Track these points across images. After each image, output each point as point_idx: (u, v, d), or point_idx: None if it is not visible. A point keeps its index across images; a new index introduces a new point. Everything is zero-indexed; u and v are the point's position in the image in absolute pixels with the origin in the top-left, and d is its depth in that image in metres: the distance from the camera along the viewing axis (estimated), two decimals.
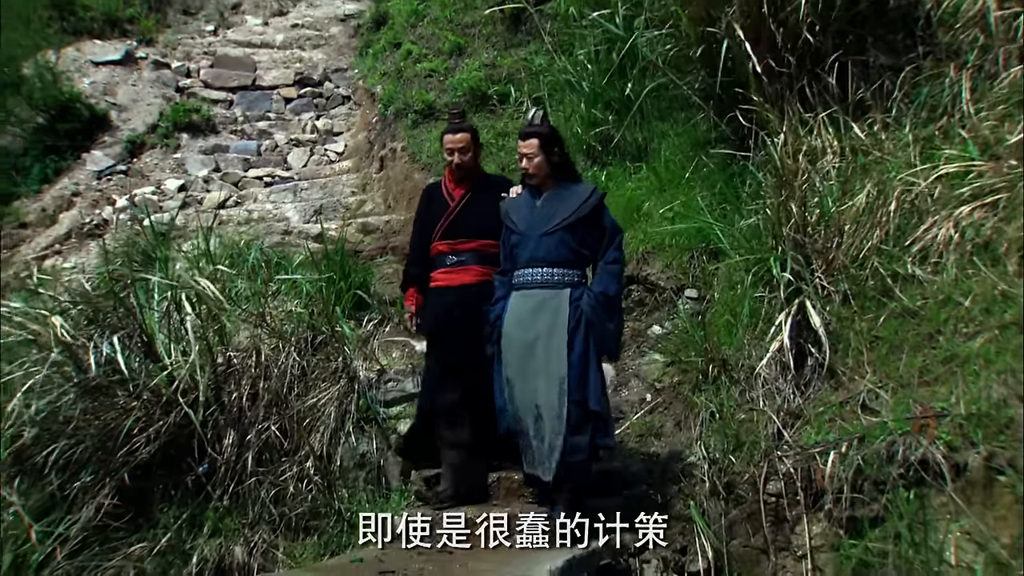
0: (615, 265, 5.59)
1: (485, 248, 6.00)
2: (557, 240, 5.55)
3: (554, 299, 5.48)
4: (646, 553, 5.39)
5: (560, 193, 5.68)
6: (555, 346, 5.39)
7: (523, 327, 5.50)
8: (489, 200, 6.01)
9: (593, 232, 5.59)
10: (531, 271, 5.59)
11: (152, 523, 6.03)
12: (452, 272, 6.02)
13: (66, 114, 11.78)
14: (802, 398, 5.35)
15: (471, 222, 6.05)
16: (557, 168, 5.70)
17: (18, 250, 10.34)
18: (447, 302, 5.98)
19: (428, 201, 6.32)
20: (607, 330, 5.47)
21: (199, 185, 11.15)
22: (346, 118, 12.78)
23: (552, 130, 5.84)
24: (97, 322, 6.40)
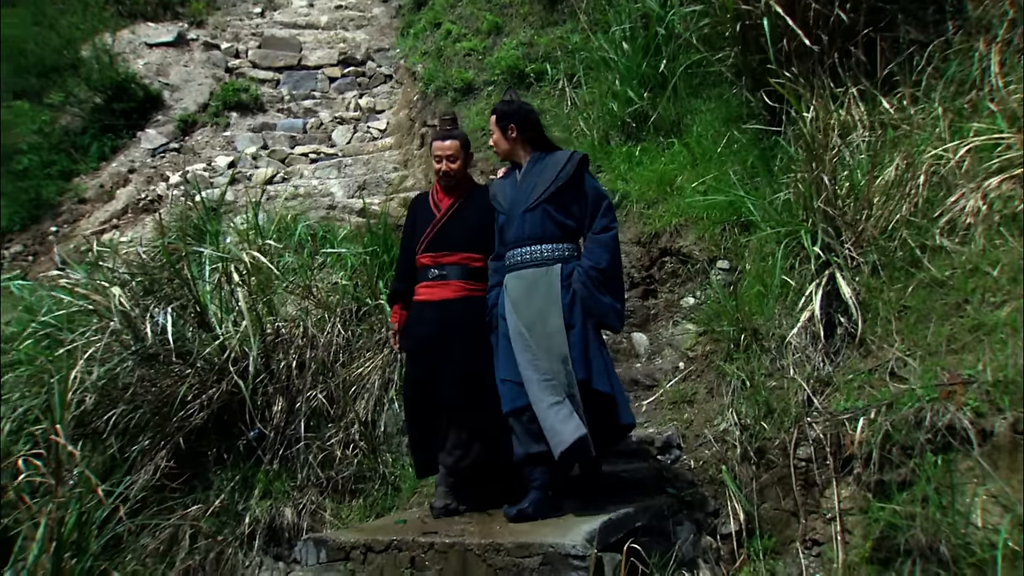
0: (604, 235, 5.24)
1: (469, 262, 5.58)
2: (541, 215, 5.27)
3: (544, 277, 5.21)
4: (679, 515, 5.41)
5: (539, 165, 5.40)
6: (552, 326, 5.10)
7: (518, 310, 5.20)
8: (477, 211, 5.63)
9: (577, 200, 5.29)
10: (520, 251, 5.31)
11: (206, 485, 6.10)
12: (434, 286, 5.58)
13: (122, 94, 11.86)
14: (832, 366, 5.33)
15: (456, 234, 5.61)
16: (530, 141, 5.43)
17: (78, 225, 10.44)
18: (428, 317, 5.55)
19: (415, 212, 5.89)
20: (602, 304, 5.15)
21: (248, 162, 11.19)
22: (388, 96, 12.77)
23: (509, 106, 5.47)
24: (153, 293, 6.47)
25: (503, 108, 5.48)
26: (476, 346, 5.39)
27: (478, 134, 9.44)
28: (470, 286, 5.55)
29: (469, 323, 5.44)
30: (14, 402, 6.02)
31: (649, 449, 5.75)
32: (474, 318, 5.44)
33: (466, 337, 5.42)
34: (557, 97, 9.31)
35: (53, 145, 11.51)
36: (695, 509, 5.45)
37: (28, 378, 6.23)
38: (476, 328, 5.42)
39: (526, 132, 5.44)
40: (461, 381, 5.38)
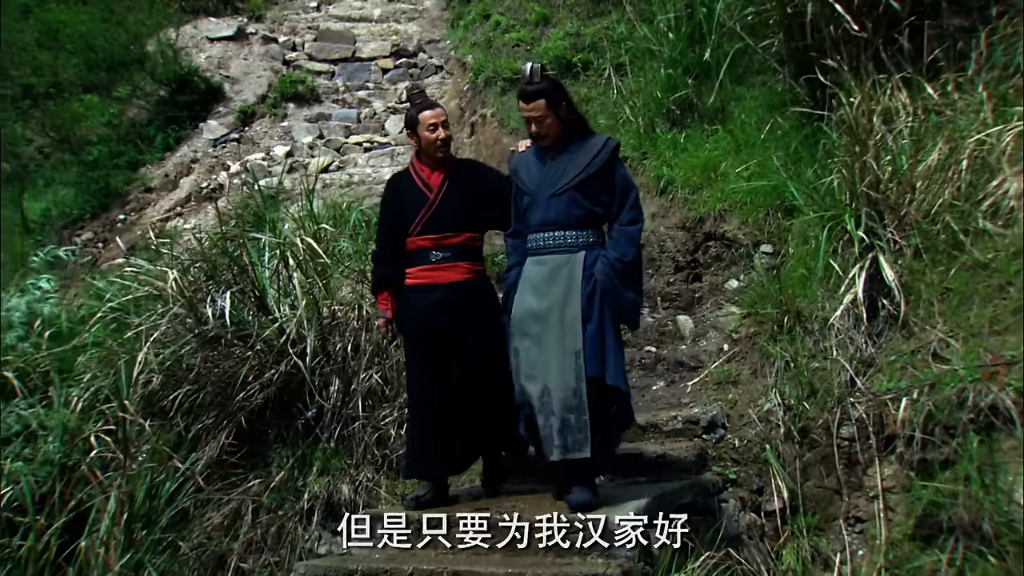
0: (632, 227, 4.95)
1: (472, 242, 5.26)
2: (567, 201, 4.93)
3: (567, 264, 4.90)
4: (724, 493, 5.38)
5: (570, 149, 5.01)
6: (570, 316, 4.81)
7: (537, 295, 4.91)
8: (471, 187, 5.28)
9: (607, 189, 4.96)
10: (543, 235, 4.98)
11: (267, 462, 6.14)
12: (437, 270, 5.18)
13: (185, 87, 11.96)
14: (874, 347, 5.26)
15: (455, 213, 5.21)
16: (567, 124, 5.01)
17: (145, 213, 10.55)
18: (433, 301, 5.15)
19: (396, 191, 5.43)
20: (624, 298, 4.89)
21: (304, 151, 11.25)
22: (439, 87, 12.76)
23: (554, 83, 5.11)
24: (214, 278, 6.51)
25: (552, 89, 5.02)
26: (484, 328, 5.13)
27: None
28: (475, 267, 5.27)
29: (476, 305, 5.19)
30: (85, 382, 6.08)
31: (694, 428, 5.71)
32: (483, 299, 5.24)
33: (475, 319, 5.14)
34: (603, 86, 9.25)
35: (121, 136, 11.64)
36: (740, 487, 5.43)
37: (98, 360, 6.29)
38: (485, 308, 5.20)
39: (572, 111, 5.08)
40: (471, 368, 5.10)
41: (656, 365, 6.58)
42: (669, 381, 6.41)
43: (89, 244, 10.27)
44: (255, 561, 5.80)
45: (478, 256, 5.32)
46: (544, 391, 4.81)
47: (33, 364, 6.27)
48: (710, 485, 5.37)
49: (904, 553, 4.59)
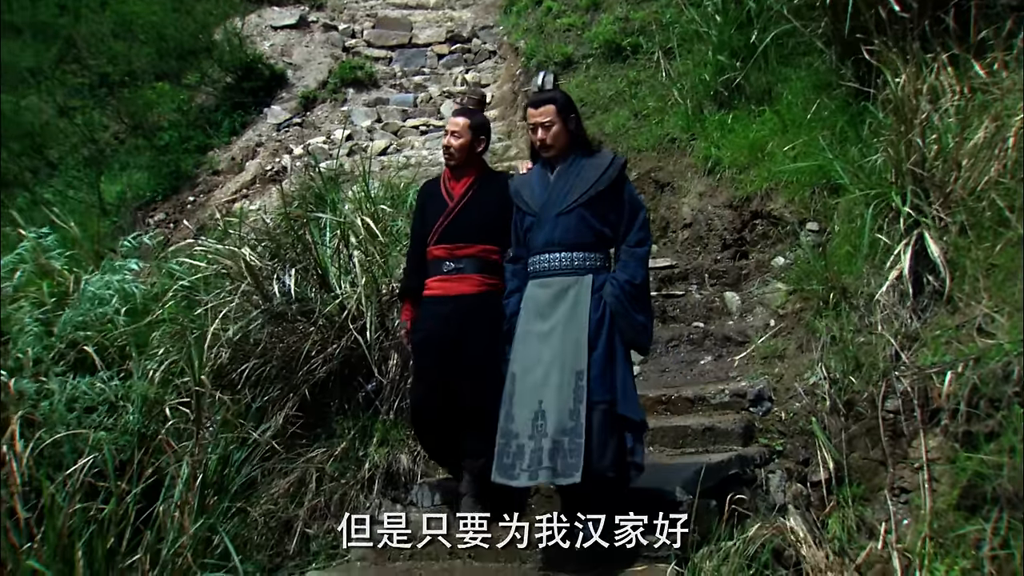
0: (640, 248, 4.59)
1: (487, 254, 4.95)
2: (576, 219, 4.56)
3: (575, 286, 4.52)
4: (771, 464, 5.33)
5: (576, 165, 4.65)
6: (573, 335, 4.44)
7: (541, 317, 4.53)
8: (492, 199, 4.96)
9: (615, 208, 4.60)
10: (548, 256, 4.58)
11: (330, 433, 6.16)
12: (449, 280, 4.94)
13: (250, 74, 12.05)
14: (919, 323, 5.17)
15: (472, 223, 4.95)
16: (573, 137, 4.67)
17: (213, 194, 10.63)
18: (442, 312, 4.93)
19: (425, 200, 5.24)
20: (635, 322, 4.52)
21: (363, 134, 11.27)
22: (492, 71, 12.73)
23: (565, 95, 4.83)
24: (278, 257, 6.53)
25: (562, 97, 4.75)
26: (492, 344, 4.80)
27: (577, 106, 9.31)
28: (488, 280, 4.92)
29: (488, 320, 4.83)
30: (160, 356, 6.14)
31: (741, 401, 5.67)
32: (492, 313, 4.81)
33: (486, 335, 4.82)
34: (652, 69, 9.18)
35: (190, 122, 11.74)
36: (786, 458, 5.37)
37: (171, 335, 6.35)
38: (493, 325, 4.81)
39: (579, 126, 4.75)
40: (486, 382, 4.76)
41: (704, 340, 6.53)
42: (717, 356, 6.36)
43: (161, 224, 10.37)
44: (319, 527, 5.83)
45: (494, 270, 4.95)
46: (537, 415, 4.40)
47: (111, 339, 6.33)
48: (757, 456, 5.32)
49: (948, 523, 4.52)
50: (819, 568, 4.64)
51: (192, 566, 5.05)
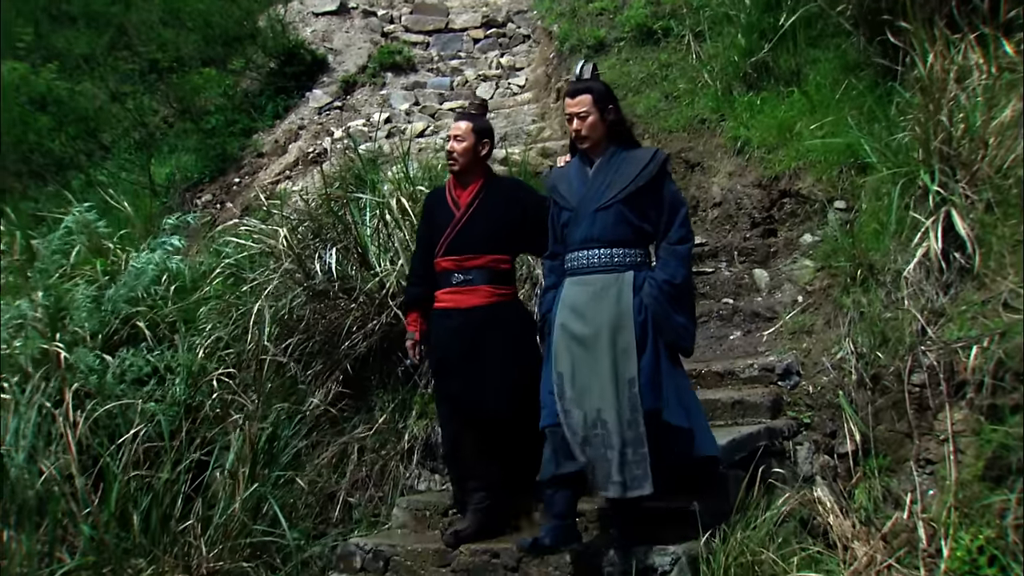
0: (681, 246, 4.37)
1: (496, 264, 4.76)
2: (615, 215, 4.34)
3: (615, 284, 4.30)
4: (799, 436, 5.30)
5: (616, 159, 4.44)
6: (623, 342, 4.22)
7: (582, 319, 4.31)
8: (500, 206, 4.79)
9: (656, 205, 4.38)
10: (586, 253, 4.38)
11: (370, 407, 6.19)
12: (458, 293, 4.74)
13: (292, 59, 12.04)
14: (945, 298, 5.10)
15: (479, 234, 4.74)
16: (612, 130, 4.46)
17: (257, 176, 10.67)
18: (452, 326, 4.74)
19: (430, 210, 5.02)
20: (676, 323, 4.30)
21: (401, 117, 11.25)
22: (526, 55, 12.65)
23: (605, 86, 4.58)
24: (320, 236, 6.55)
25: (601, 87, 4.50)
26: (512, 355, 4.69)
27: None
28: (499, 291, 4.77)
29: (501, 331, 4.70)
30: (206, 332, 6.18)
31: (770, 376, 5.63)
32: (505, 325, 4.71)
33: (500, 346, 4.68)
34: (683, 52, 9.07)
35: (236, 106, 11.77)
36: (813, 431, 5.34)
37: (217, 311, 6.40)
38: (509, 336, 4.71)
39: (620, 119, 4.54)
40: (505, 393, 4.64)
41: (733, 316, 6.48)
42: (746, 331, 6.32)
43: (208, 205, 10.43)
44: (361, 496, 5.88)
45: (506, 279, 4.83)
46: (597, 422, 4.21)
47: (161, 315, 6.38)
48: (785, 429, 5.29)
49: (973, 493, 4.48)
50: (846, 537, 4.63)
51: (243, 532, 5.11)
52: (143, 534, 5.12)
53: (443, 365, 4.84)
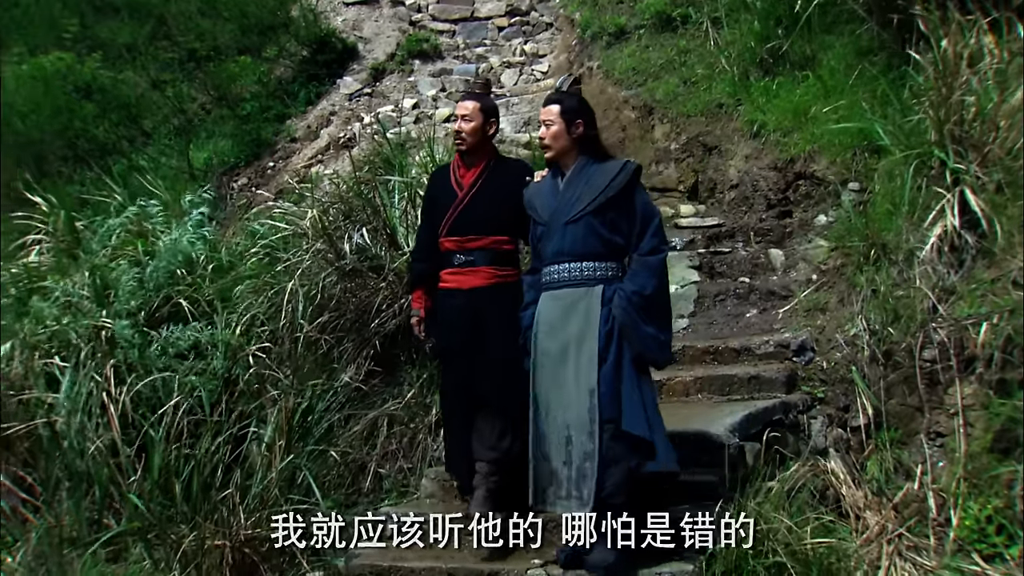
0: (652, 257, 4.17)
1: (497, 245, 4.56)
2: (584, 228, 4.17)
3: (584, 298, 4.15)
4: (813, 410, 5.28)
5: (585, 172, 4.26)
6: (586, 353, 4.09)
7: (553, 334, 4.18)
8: (503, 188, 4.57)
9: (627, 216, 4.19)
10: (558, 267, 4.22)
11: (399, 382, 6.18)
12: (460, 273, 4.56)
13: (324, 48, 12.02)
14: (956, 277, 5.07)
15: (482, 215, 4.55)
16: (582, 144, 4.29)
17: (291, 160, 10.68)
18: (456, 306, 4.57)
19: (434, 189, 4.87)
20: (644, 335, 4.09)
21: (429, 103, 11.23)
22: (549, 42, 12.58)
23: (577, 100, 4.40)
24: (350, 217, 6.55)
25: (572, 101, 4.34)
26: (513, 336, 4.43)
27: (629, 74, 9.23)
28: (501, 272, 4.56)
29: (502, 311, 4.48)
30: (242, 309, 6.20)
31: (785, 352, 5.61)
32: (506, 307, 4.47)
33: (499, 327, 4.47)
34: (701, 38, 8.98)
35: (270, 93, 11.78)
36: (827, 405, 5.33)
37: (252, 290, 6.41)
38: (509, 317, 4.45)
39: (590, 133, 4.34)
40: (498, 373, 4.45)
41: (750, 294, 6.45)
42: (761, 309, 6.29)
43: (244, 189, 10.45)
44: (391, 467, 5.89)
45: (508, 260, 4.63)
46: (568, 439, 4.09)
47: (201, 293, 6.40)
48: (800, 403, 5.27)
49: (982, 465, 4.51)
50: (858, 506, 4.63)
51: (279, 501, 5.15)
52: (185, 502, 5.17)
53: (448, 345, 4.70)
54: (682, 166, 8.10)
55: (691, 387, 5.47)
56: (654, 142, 8.55)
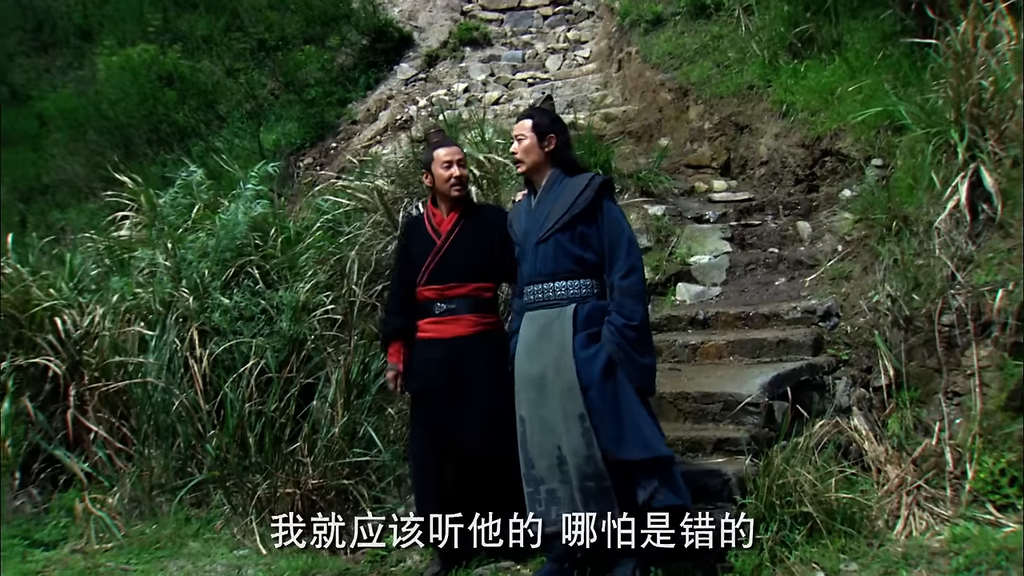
0: (630, 279, 3.80)
1: (479, 293, 4.21)
2: (553, 247, 3.86)
3: (557, 320, 3.82)
4: (837, 371, 5.23)
5: (555, 189, 3.95)
6: (566, 381, 3.75)
7: (531, 358, 3.87)
8: (481, 234, 4.23)
9: (598, 232, 3.86)
10: (533, 288, 3.93)
11: None
12: (442, 323, 4.18)
13: (382, 36, 12.06)
14: (974, 246, 4.99)
15: (462, 263, 4.18)
16: (554, 158, 3.99)
17: (352, 141, 10.74)
18: (437, 357, 4.17)
19: (408, 238, 4.48)
20: (640, 364, 3.78)
21: (478, 87, 11.21)
22: (590, 29, 12.49)
23: (550, 116, 4.15)
24: (408, 190, 6.56)
25: (543, 117, 4.09)
26: (495, 385, 4.10)
27: (666, 58, 9.13)
28: (484, 320, 4.22)
29: (484, 361, 4.14)
30: (308, 277, 6.24)
31: (811, 317, 5.56)
32: (489, 355, 4.14)
33: (483, 377, 4.12)
34: (733, 24, 8.86)
35: (332, 79, 11.83)
36: (851, 367, 5.28)
37: (316, 260, 6.44)
38: (493, 365, 4.12)
39: (562, 148, 4.03)
40: (483, 427, 4.08)
41: (778, 264, 6.39)
42: (789, 278, 6.23)
43: (309, 167, 10.52)
44: None
45: (489, 307, 4.29)
46: (561, 460, 3.78)
47: (271, 263, 6.45)
48: (825, 365, 5.22)
49: (997, 422, 4.46)
50: (879, 461, 4.60)
51: (343, 453, 5.22)
52: (258, 454, 5.26)
53: (425, 395, 4.29)
54: (715, 144, 8.01)
55: (723, 350, 5.44)
56: (689, 122, 8.47)
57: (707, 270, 6.42)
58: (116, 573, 4.67)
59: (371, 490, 5.23)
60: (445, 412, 4.18)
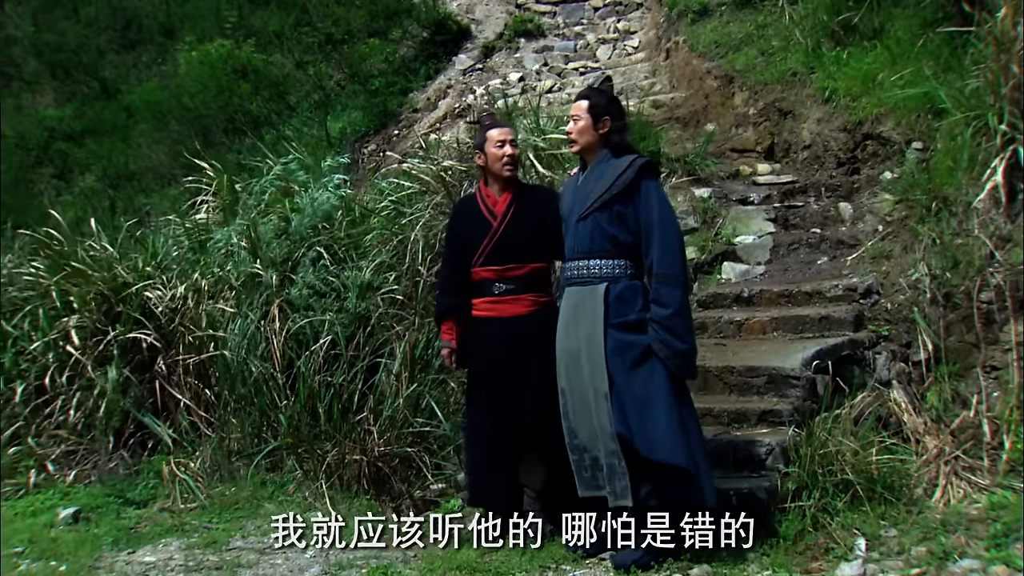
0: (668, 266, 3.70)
1: (537, 273, 4.14)
2: (591, 225, 3.78)
3: (589, 298, 3.75)
4: (878, 347, 5.16)
5: (599, 169, 3.86)
6: (595, 358, 3.69)
7: (567, 333, 3.83)
8: (536, 215, 4.12)
9: (635, 212, 3.75)
10: (572, 264, 3.86)
11: None
12: (500, 302, 4.09)
13: (441, 29, 12.10)
14: (1012, 226, 4.89)
15: (519, 243, 4.08)
16: (607, 140, 3.89)
17: (413, 128, 10.79)
18: (498, 335, 4.08)
19: (461, 218, 4.36)
20: (680, 352, 3.68)
21: (533, 76, 11.18)
22: (639, 20, 12.36)
23: (609, 98, 4.07)
24: (467, 172, 6.58)
25: (600, 98, 3.99)
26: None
27: (712, 47, 9.01)
28: (541, 299, 4.14)
29: (544, 337, 4.00)
30: (372, 257, 6.28)
31: (852, 295, 5.49)
32: (549, 331, 3.98)
33: (544, 352, 3.98)
34: (778, 14, 8.69)
35: (395, 70, 11.89)
36: (891, 342, 5.21)
37: (380, 240, 6.49)
38: (552, 341, 3.97)
39: (617, 131, 3.92)
40: (549, 399, 3.94)
41: (821, 244, 6.31)
42: (832, 257, 6.14)
43: (373, 154, 10.60)
44: None
45: (545, 285, 4.22)
46: (593, 433, 3.75)
47: (338, 244, 6.51)
48: (866, 340, 5.17)
49: None
50: (918, 432, 4.54)
51: (406, 423, 5.28)
52: (328, 423, 5.35)
53: (490, 374, 4.18)
54: (759, 129, 7.90)
55: (767, 326, 5.39)
56: (734, 108, 8.36)
57: (751, 250, 6.35)
58: (200, 531, 4.81)
59: (432, 458, 5.29)
60: (511, 390, 4.09)
